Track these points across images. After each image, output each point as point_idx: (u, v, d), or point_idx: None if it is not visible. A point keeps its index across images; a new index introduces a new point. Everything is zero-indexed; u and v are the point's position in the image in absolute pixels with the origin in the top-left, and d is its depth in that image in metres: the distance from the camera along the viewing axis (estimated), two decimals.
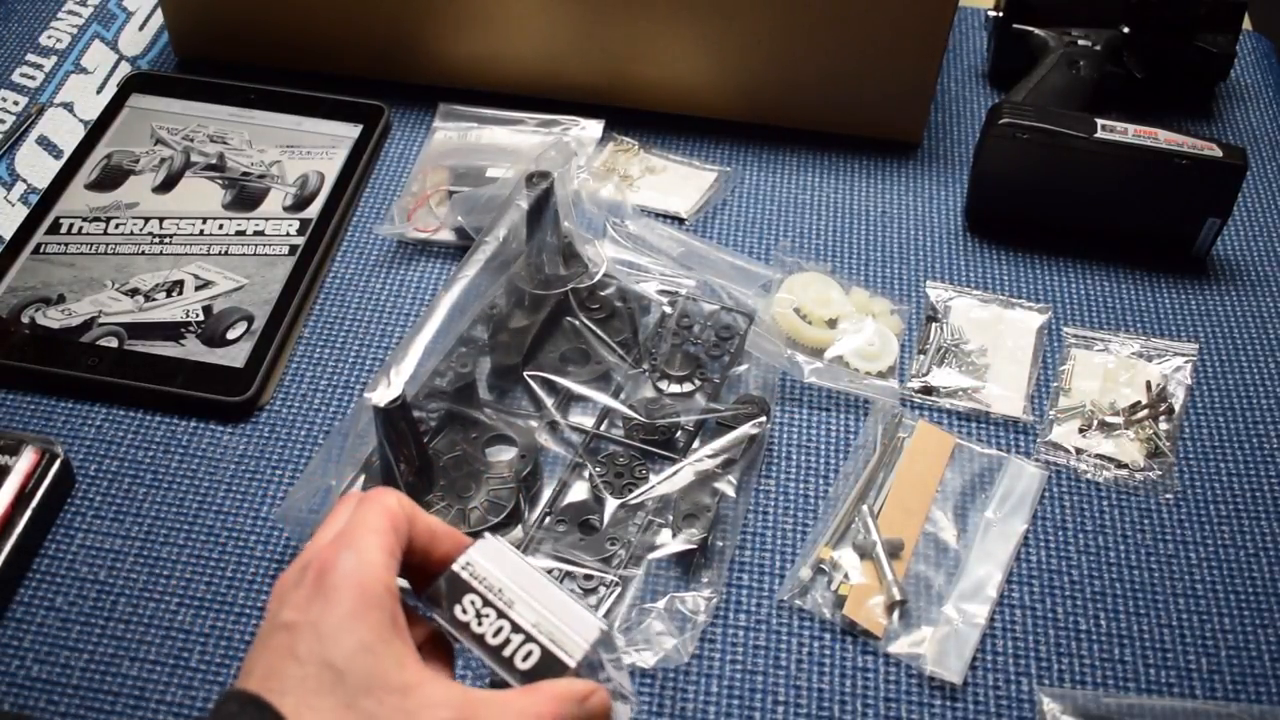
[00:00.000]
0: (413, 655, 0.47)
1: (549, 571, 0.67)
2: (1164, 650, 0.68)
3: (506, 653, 0.50)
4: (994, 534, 0.72)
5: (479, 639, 0.50)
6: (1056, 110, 0.87)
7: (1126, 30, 0.96)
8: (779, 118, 0.96)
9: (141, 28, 1.05)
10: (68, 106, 0.97)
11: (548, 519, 0.72)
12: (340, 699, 0.45)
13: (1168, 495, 0.75)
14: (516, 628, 0.50)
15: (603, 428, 0.76)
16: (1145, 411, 0.78)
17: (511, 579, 0.51)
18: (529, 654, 0.49)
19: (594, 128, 0.93)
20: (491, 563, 0.51)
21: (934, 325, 0.83)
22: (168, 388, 0.77)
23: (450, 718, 0.45)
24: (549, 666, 0.49)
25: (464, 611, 0.50)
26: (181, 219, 0.87)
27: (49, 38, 1.03)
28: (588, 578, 0.68)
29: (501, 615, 0.50)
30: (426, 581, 0.52)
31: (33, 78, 0.99)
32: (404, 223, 0.87)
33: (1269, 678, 0.67)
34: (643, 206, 0.90)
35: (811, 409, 0.78)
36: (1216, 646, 0.69)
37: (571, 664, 0.49)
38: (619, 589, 0.68)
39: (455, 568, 0.51)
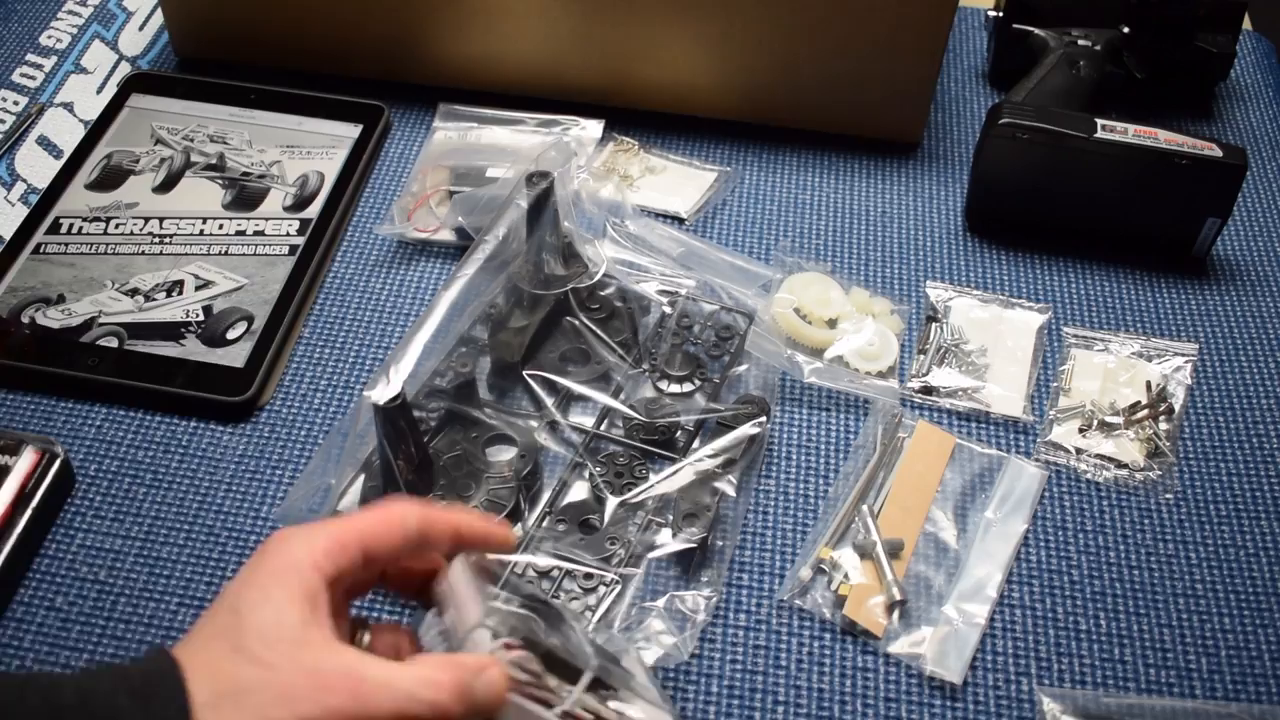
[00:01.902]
0: (324, 627, 0.48)
1: (548, 571, 0.67)
2: (1164, 650, 0.68)
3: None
4: (994, 534, 0.72)
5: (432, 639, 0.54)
6: (1056, 110, 0.87)
7: (1126, 30, 0.96)
8: (779, 118, 0.96)
9: (141, 28, 1.05)
10: (68, 106, 0.97)
11: (548, 518, 0.71)
12: (231, 641, 0.47)
13: (1168, 495, 0.75)
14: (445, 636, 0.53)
15: (603, 427, 0.76)
16: (1145, 411, 0.78)
17: (458, 591, 0.53)
18: None
19: (594, 128, 0.93)
20: (455, 575, 0.54)
21: (934, 325, 0.83)
22: (168, 388, 0.77)
23: (337, 667, 0.46)
24: None
25: (436, 615, 0.54)
26: (181, 219, 0.87)
27: (49, 38, 1.03)
28: (588, 576, 0.68)
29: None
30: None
31: (33, 78, 0.99)
32: (404, 223, 0.87)
33: (1269, 678, 0.67)
34: (643, 206, 0.90)
35: (811, 409, 0.78)
36: (1216, 646, 0.69)
37: None
38: (619, 588, 0.68)
39: (440, 578, 0.54)
